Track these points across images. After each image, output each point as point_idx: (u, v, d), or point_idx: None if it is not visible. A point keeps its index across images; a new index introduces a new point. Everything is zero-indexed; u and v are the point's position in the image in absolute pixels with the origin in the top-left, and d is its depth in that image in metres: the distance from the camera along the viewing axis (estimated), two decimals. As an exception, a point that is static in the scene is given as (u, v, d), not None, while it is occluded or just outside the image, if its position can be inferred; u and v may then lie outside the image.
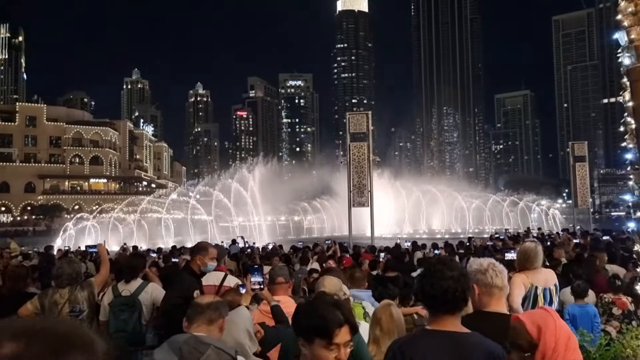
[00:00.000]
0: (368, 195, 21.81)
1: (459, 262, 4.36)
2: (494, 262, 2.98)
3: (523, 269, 4.50)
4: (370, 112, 22.86)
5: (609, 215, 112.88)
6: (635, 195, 6.14)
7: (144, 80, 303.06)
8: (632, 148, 5.65)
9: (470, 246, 13.71)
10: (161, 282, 6.12)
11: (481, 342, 2.37)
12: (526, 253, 4.52)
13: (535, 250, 4.50)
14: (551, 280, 4.46)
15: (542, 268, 4.56)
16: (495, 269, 2.90)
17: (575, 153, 28.26)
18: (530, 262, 4.46)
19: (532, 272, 4.45)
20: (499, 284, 2.87)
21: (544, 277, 4.45)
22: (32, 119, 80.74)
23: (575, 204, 28.58)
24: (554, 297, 4.41)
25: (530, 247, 4.58)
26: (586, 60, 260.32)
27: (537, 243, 4.69)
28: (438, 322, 2.41)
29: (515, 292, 4.32)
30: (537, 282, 4.40)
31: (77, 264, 5.45)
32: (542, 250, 4.56)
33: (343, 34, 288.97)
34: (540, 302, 4.34)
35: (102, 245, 6.46)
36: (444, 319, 2.40)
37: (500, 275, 2.89)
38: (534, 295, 4.37)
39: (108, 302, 5.20)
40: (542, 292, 4.37)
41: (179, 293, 4.54)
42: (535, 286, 4.38)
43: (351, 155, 22.13)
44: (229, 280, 5.22)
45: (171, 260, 11.48)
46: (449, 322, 2.39)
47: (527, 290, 4.37)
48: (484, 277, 2.87)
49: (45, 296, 5.16)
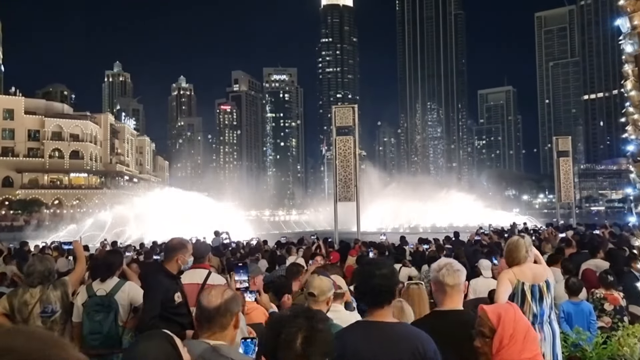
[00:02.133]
0: (354, 189, 21.64)
1: (390, 261, 4.53)
2: (451, 262, 3.14)
3: (511, 264, 4.32)
4: (357, 106, 22.66)
5: (588, 210, 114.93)
6: (636, 189, 6.00)
7: (125, 73, 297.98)
8: (633, 139, 5.45)
9: (458, 240, 13.62)
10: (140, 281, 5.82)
11: (407, 331, 2.68)
12: (508, 247, 4.37)
13: (516, 244, 4.30)
14: (541, 276, 4.25)
15: (532, 264, 4.35)
16: (450, 268, 3.07)
17: (560, 148, 28.45)
18: (514, 257, 4.28)
19: (519, 267, 4.26)
20: (450, 283, 3.02)
21: (532, 273, 4.25)
22: (9, 111, 78.88)
23: (558, 199, 28.83)
24: (545, 295, 4.20)
25: (512, 241, 4.40)
26: (567, 57, 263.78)
27: (521, 237, 4.47)
28: (371, 314, 2.73)
29: (500, 290, 4.19)
30: (525, 278, 4.20)
31: (50, 261, 5.12)
32: (526, 243, 4.33)
33: (328, 29, 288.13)
34: (528, 300, 4.16)
35: (77, 242, 6.12)
36: (375, 312, 2.71)
37: (453, 274, 3.03)
38: (521, 291, 4.18)
39: (82, 303, 4.88)
40: (529, 288, 4.17)
41: (153, 304, 4.21)
42: (522, 282, 4.19)
43: (337, 149, 21.92)
44: (212, 278, 4.96)
45: (152, 257, 11.12)
46: (379, 314, 2.69)
47: (514, 287, 4.19)
48: (437, 275, 3.07)
49: (14, 296, 4.83)
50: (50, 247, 17.01)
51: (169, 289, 4.30)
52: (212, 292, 2.66)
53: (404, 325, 2.76)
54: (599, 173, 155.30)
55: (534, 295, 4.16)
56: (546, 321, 4.19)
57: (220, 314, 2.60)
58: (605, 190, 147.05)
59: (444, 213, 49.97)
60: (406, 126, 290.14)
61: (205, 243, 6.89)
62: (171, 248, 4.52)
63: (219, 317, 2.60)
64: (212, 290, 2.69)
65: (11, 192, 75.31)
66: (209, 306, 2.61)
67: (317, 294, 3.54)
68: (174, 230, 25.69)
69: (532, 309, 4.15)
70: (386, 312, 2.71)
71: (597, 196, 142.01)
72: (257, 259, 11.43)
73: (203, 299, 2.65)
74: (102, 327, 4.71)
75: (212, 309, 2.60)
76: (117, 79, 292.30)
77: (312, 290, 3.58)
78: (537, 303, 4.16)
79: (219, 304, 2.60)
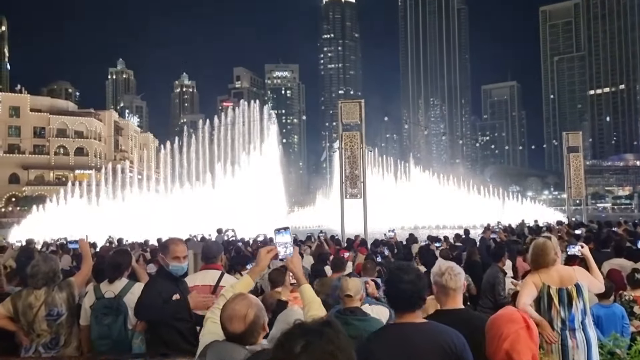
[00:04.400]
0: (361, 186, 21.39)
1: (415, 266, 4.56)
2: (452, 266, 3.31)
3: (537, 267, 4.09)
4: (363, 101, 22.34)
5: (594, 206, 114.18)
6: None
7: (128, 71, 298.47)
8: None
9: (468, 238, 13.36)
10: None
11: (437, 329, 2.82)
12: (534, 251, 4.12)
13: (543, 247, 4.06)
14: (569, 279, 3.99)
15: (560, 266, 4.11)
16: (451, 272, 3.26)
17: (570, 143, 28.10)
18: (541, 261, 4.05)
19: (545, 270, 4.02)
20: (453, 286, 3.24)
21: (559, 276, 4.00)
22: (15, 109, 79.21)
23: (569, 195, 28.46)
24: (575, 299, 3.94)
25: (538, 243, 4.14)
26: (573, 51, 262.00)
27: (547, 238, 4.22)
28: (402, 317, 2.89)
29: (523, 293, 3.98)
30: (551, 281, 3.97)
31: (55, 261, 4.89)
32: (553, 245, 4.10)
33: (330, 25, 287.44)
34: (555, 304, 3.91)
35: (83, 240, 5.88)
36: (406, 315, 2.86)
37: (454, 278, 3.25)
38: (547, 295, 3.94)
39: (90, 305, 4.67)
40: (556, 292, 3.93)
41: (151, 300, 4.00)
42: (548, 286, 3.96)
43: (343, 145, 21.64)
44: (225, 279, 4.73)
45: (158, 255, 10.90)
46: (409, 317, 2.85)
47: (539, 291, 3.97)
48: (440, 279, 3.27)
49: (18, 298, 4.62)
50: (55, 244, 16.88)
51: (160, 290, 4.05)
52: (234, 319, 2.58)
53: (433, 324, 2.89)
54: (605, 169, 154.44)
55: (562, 299, 3.92)
56: (578, 327, 3.94)
57: (247, 336, 2.57)
58: (612, 187, 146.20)
59: (455, 210, 49.28)
60: (409, 122, 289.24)
61: (217, 243, 6.67)
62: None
63: (247, 337, 2.58)
64: (234, 318, 2.59)
65: (18, 188, 75.54)
66: (235, 332, 2.57)
67: (353, 294, 3.88)
68: (178, 227, 25.61)
69: (561, 314, 3.93)
70: (417, 314, 2.89)
71: (603, 193, 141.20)
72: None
73: (227, 325, 2.60)
74: (111, 331, 4.49)
75: (239, 334, 2.57)
76: (121, 76, 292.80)
77: (348, 292, 3.87)
78: (565, 308, 3.92)
79: (245, 330, 2.57)
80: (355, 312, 3.80)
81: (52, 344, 4.53)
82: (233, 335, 2.57)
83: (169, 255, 4.19)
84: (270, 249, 3.25)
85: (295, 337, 1.54)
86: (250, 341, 2.56)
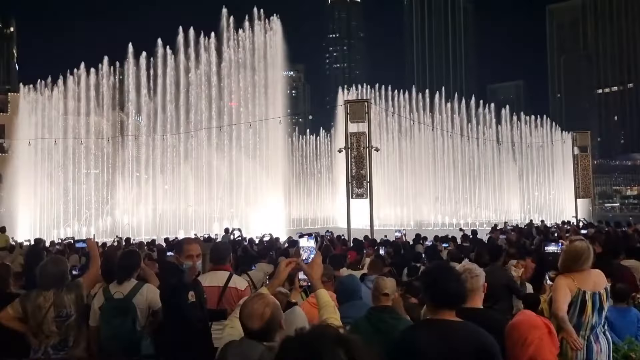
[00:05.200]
0: (367, 186, 21.34)
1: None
2: (470, 268, 3.46)
3: (568, 270, 3.93)
4: (369, 101, 22.28)
5: (602, 206, 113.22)
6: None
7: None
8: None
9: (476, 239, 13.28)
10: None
11: (471, 329, 2.88)
12: (577, 254, 3.93)
13: (588, 252, 3.93)
14: (600, 283, 3.90)
15: (592, 269, 3.99)
16: (470, 274, 3.40)
17: (578, 143, 27.78)
18: (580, 264, 3.91)
19: (580, 274, 3.89)
20: (471, 287, 3.36)
21: (593, 280, 3.89)
22: (23, 109, 79.73)
23: (577, 195, 28.17)
24: (605, 303, 3.86)
25: (583, 247, 3.97)
26: (580, 50, 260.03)
27: (587, 242, 4.11)
28: (441, 314, 2.92)
29: (560, 299, 3.80)
30: (585, 286, 3.84)
31: (63, 262, 4.89)
32: (590, 247, 3.99)
33: (335, 24, 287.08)
34: (588, 310, 3.80)
35: (91, 240, 5.89)
36: (443, 312, 2.92)
37: (473, 279, 3.38)
38: (581, 301, 3.82)
39: (99, 306, 4.66)
40: (590, 297, 3.82)
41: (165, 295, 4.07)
42: (583, 291, 3.83)
43: (349, 145, 21.59)
44: (234, 280, 4.70)
45: (166, 255, 10.90)
46: (448, 314, 2.92)
47: (573, 295, 3.83)
48: None
49: (27, 299, 4.61)
50: (63, 243, 16.92)
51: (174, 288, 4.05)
52: (252, 317, 2.72)
53: (468, 324, 2.98)
54: (613, 169, 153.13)
55: (595, 304, 3.83)
56: (601, 331, 3.87)
57: (265, 333, 2.69)
58: (619, 187, 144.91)
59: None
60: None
61: (225, 244, 6.65)
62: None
63: (265, 334, 2.70)
64: (252, 316, 2.73)
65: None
66: (253, 329, 2.70)
67: (389, 292, 4.08)
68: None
69: (591, 320, 3.82)
70: (454, 313, 3.00)
71: (611, 192, 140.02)
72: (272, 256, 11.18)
73: (246, 322, 2.73)
74: (120, 332, 4.48)
75: (257, 331, 2.70)
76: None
77: (385, 291, 4.04)
78: (597, 313, 3.83)
79: (262, 327, 2.69)
80: (389, 311, 3.93)
81: (61, 346, 4.53)
82: (252, 332, 2.70)
83: (182, 255, 4.23)
84: (290, 261, 3.38)
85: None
86: (267, 338, 2.68)
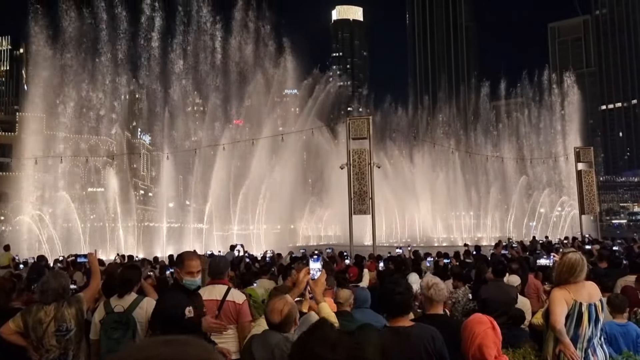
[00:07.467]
0: (369, 202, 21.33)
1: (405, 279, 5.27)
2: (436, 282, 4.19)
3: (564, 283, 3.98)
4: (371, 118, 22.42)
5: (609, 223, 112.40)
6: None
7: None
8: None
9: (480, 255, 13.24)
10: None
11: (420, 330, 3.57)
12: (572, 266, 3.98)
13: (582, 263, 3.99)
14: (595, 294, 3.95)
15: (586, 281, 4.03)
16: (436, 288, 4.15)
17: (581, 159, 27.66)
18: (575, 276, 3.95)
19: (575, 286, 3.93)
20: (437, 299, 4.15)
21: (588, 292, 3.94)
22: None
23: (581, 211, 27.97)
24: (600, 314, 3.89)
25: (577, 258, 4.02)
26: (583, 67, 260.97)
27: (580, 254, 4.16)
28: (395, 321, 3.66)
29: (557, 311, 3.84)
30: (581, 298, 3.89)
31: (64, 277, 4.95)
32: (585, 260, 4.05)
33: (338, 43, 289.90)
34: (585, 321, 3.82)
35: (93, 255, 5.92)
36: (397, 319, 3.66)
37: (438, 292, 4.16)
38: (578, 312, 3.85)
39: (99, 319, 4.70)
40: (587, 308, 3.85)
41: (163, 315, 4.05)
42: (580, 302, 3.87)
43: (351, 162, 21.65)
44: (232, 294, 4.73)
45: (166, 271, 10.93)
46: (400, 321, 3.64)
47: (570, 307, 3.87)
48: (427, 292, 4.15)
49: (28, 313, 4.67)
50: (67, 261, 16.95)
51: (177, 304, 4.08)
52: (274, 312, 3.49)
53: (418, 326, 3.62)
54: (619, 185, 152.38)
55: (591, 316, 3.86)
56: (598, 344, 3.88)
57: (283, 325, 3.46)
58: (626, 203, 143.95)
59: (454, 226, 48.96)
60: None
61: (224, 258, 6.68)
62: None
63: (283, 327, 3.47)
64: (273, 312, 3.50)
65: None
66: (274, 322, 3.46)
67: (342, 302, 4.92)
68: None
69: (588, 331, 3.84)
70: (406, 318, 3.68)
71: (618, 209, 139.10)
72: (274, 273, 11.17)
73: (269, 316, 3.53)
74: (120, 344, 4.51)
75: (277, 323, 3.45)
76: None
77: (340, 300, 4.93)
78: (592, 324, 3.86)
79: (281, 320, 3.46)
80: (345, 315, 4.64)
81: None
82: (273, 324, 3.47)
83: (183, 270, 4.28)
84: (308, 270, 4.43)
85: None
86: (284, 330, 3.45)
